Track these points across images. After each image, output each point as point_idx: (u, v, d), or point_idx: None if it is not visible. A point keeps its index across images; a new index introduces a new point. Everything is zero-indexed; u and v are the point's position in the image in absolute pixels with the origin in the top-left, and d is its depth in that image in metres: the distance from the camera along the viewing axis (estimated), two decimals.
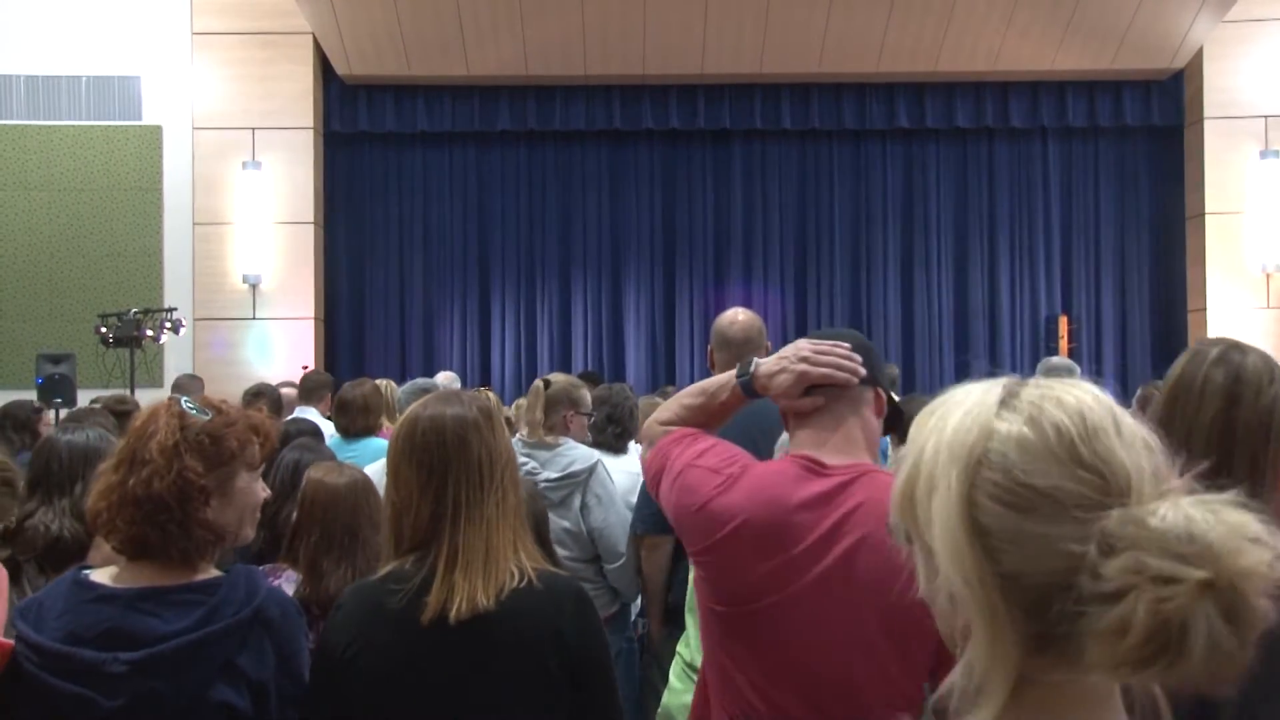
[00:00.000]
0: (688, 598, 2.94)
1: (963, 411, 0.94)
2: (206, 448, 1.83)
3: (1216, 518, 0.82)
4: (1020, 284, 10.56)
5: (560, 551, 3.57)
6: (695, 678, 2.85)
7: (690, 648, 2.95)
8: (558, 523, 3.64)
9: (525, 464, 3.68)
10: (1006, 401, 0.94)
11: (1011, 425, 0.91)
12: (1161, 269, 10.55)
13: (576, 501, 3.73)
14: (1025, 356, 10.29)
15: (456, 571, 1.79)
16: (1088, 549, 0.85)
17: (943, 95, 10.25)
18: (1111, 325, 10.51)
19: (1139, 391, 5.11)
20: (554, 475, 3.71)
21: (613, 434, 4.32)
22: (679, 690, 2.94)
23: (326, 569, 2.63)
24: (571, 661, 1.80)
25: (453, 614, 1.76)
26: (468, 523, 1.81)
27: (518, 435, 3.86)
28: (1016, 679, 0.88)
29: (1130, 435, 0.91)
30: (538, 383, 3.87)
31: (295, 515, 2.77)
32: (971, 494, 0.90)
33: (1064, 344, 10.08)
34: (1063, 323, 10.22)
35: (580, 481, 3.74)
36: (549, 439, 3.80)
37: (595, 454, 3.90)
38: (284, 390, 7.17)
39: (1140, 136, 10.51)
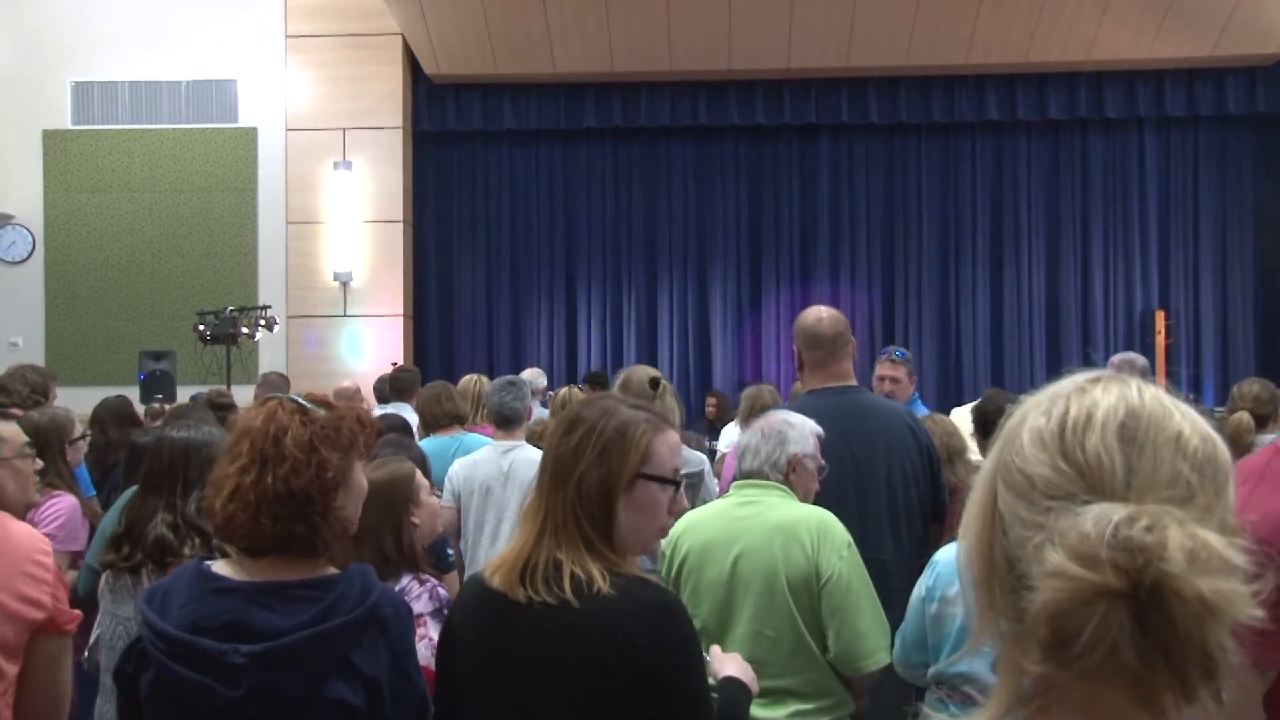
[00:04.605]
0: None
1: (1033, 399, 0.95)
2: (334, 439, 1.84)
3: (1147, 529, 0.79)
4: (1115, 278, 10.29)
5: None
6: None
7: None
8: None
9: None
10: (1067, 395, 0.93)
11: (1040, 418, 0.91)
12: (1266, 262, 10.20)
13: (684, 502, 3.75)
14: (1119, 352, 10.01)
15: (522, 555, 1.81)
16: (1038, 537, 0.85)
17: (1034, 86, 10.03)
18: (1211, 321, 10.18)
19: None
20: None
21: None
22: None
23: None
24: (643, 671, 1.74)
25: (495, 582, 1.80)
26: (548, 513, 1.82)
27: None
28: (1037, 678, 0.86)
29: (1147, 439, 0.87)
30: (664, 383, 3.81)
31: None
32: (996, 479, 0.91)
33: (1161, 339, 9.80)
34: (1159, 317, 9.93)
35: (693, 484, 3.72)
36: None
37: (701, 455, 3.93)
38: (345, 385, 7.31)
39: (1243, 125, 10.18)
